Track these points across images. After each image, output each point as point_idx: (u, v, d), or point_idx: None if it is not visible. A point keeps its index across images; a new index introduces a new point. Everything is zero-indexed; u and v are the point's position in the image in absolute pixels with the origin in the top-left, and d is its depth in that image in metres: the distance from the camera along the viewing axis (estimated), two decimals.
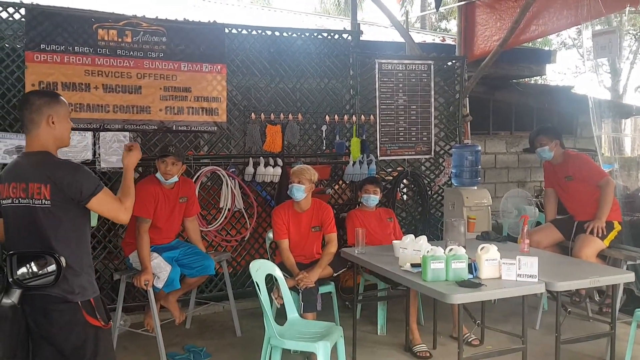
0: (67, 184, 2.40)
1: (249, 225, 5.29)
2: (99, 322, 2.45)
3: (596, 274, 3.33)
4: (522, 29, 5.84)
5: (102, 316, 2.47)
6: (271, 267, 3.68)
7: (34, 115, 2.49)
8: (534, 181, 8.90)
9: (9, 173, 2.51)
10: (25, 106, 2.52)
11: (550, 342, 3.39)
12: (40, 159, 2.46)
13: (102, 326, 2.46)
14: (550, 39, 19.62)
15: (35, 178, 2.41)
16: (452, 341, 4.42)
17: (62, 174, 2.41)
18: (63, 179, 2.40)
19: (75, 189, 2.41)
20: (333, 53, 5.75)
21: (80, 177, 2.43)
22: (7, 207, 2.48)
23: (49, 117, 2.50)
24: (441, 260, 3.15)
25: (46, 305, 2.38)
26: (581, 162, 4.74)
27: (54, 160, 2.47)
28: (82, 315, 2.40)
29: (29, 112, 2.49)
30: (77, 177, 2.42)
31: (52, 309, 2.38)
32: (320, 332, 3.47)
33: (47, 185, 2.39)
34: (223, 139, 5.33)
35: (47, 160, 2.45)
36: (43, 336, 2.42)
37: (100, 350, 2.45)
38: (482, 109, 8.26)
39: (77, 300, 2.41)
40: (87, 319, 2.41)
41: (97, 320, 2.44)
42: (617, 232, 4.54)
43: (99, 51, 4.75)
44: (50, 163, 2.44)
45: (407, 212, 6.26)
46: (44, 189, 2.39)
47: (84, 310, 2.41)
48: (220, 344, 4.48)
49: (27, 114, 2.50)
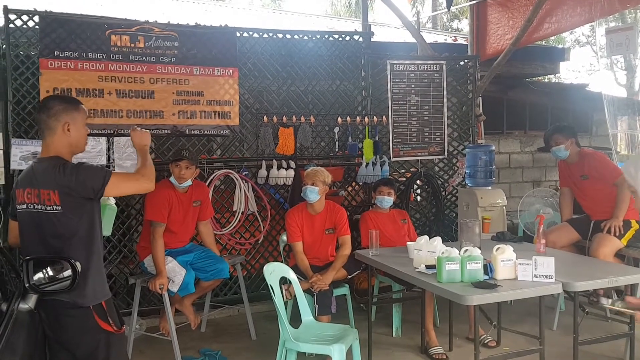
0: (74, 187, 2.42)
1: (263, 228, 5.29)
2: (111, 326, 2.45)
3: (614, 274, 3.29)
4: (535, 27, 5.78)
5: (114, 320, 2.48)
6: (285, 270, 3.68)
7: (50, 120, 2.51)
8: (549, 180, 8.81)
9: (24, 179, 2.54)
10: (44, 111, 2.54)
11: (568, 343, 3.35)
12: (50, 164, 2.47)
13: (114, 331, 2.46)
14: (563, 37, 19.48)
15: (45, 184, 2.43)
16: (468, 343, 4.38)
17: (66, 179, 2.42)
18: (68, 183, 2.41)
19: (85, 189, 2.43)
20: (344, 55, 5.74)
21: (84, 176, 2.44)
22: (22, 212, 2.51)
23: (65, 124, 2.52)
24: (456, 261, 3.13)
25: (58, 311, 2.39)
26: (597, 161, 4.69)
27: (59, 165, 2.46)
28: (94, 320, 2.41)
29: (47, 117, 2.52)
30: (80, 178, 2.43)
31: (64, 315, 2.40)
32: (335, 335, 3.46)
33: (55, 191, 2.41)
34: (236, 142, 5.34)
35: (54, 166, 2.46)
36: (58, 341, 2.43)
37: (112, 356, 2.46)
38: (495, 108, 8.19)
39: (89, 304, 2.42)
40: (99, 323, 2.42)
41: (109, 324, 2.44)
42: (634, 230, 4.48)
43: (112, 57, 4.78)
44: (56, 169, 2.45)
45: (421, 213, 6.23)
46: (52, 195, 2.41)
47: (95, 315, 2.42)
48: (235, 347, 4.49)
49: (44, 119, 2.52)
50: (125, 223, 4.99)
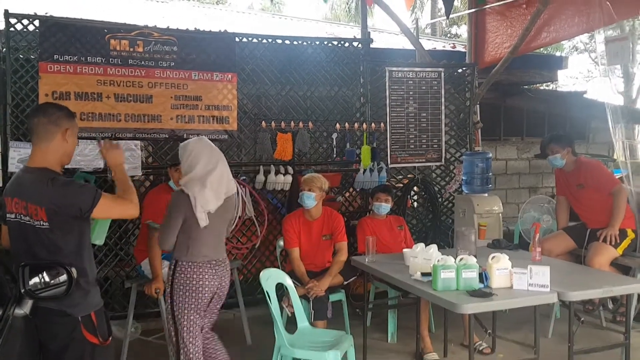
0: (62, 206, 2.37)
1: (260, 233, 5.30)
2: (97, 339, 2.42)
3: (609, 284, 3.30)
4: (533, 36, 5.82)
5: (101, 332, 2.45)
6: (281, 276, 3.69)
7: (51, 126, 2.45)
8: (545, 187, 8.85)
9: (12, 187, 2.49)
10: (45, 115, 2.47)
11: (563, 351, 3.35)
12: (38, 177, 2.41)
13: (99, 343, 2.43)
14: (561, 44, 19.52)
15: (32, 199, 2.38)
16: (463, 349, 4.39)
17: (54, 197, 2.36)
18: (56, 201, 2.36)
19: (72, 209, 2.39)
20: (343, 61, 5.76)
21: (73, 196, 2.39)
22: (11, 222, 2.47)
23: (66, 131, 2.48)
24: (452, 269, 3.14)
25: (48, 318, 2.38)
26: (593, 170, 4.71)
27: (48, 180, 2.39)
28: (79, 332, 2.39)
29: (48, 121, 2.45)
30: (69, 198, 2.38)
31: (53, 322, 2.38)
32: (330, 341, 3.47)
33: (42, 208, 2.36)
34: (234, 147, 5.35)
35: (43, 181, 2.39)
36: (48, 348, 2.43)
37: None
38: (493, 115, 8.23)
39: (77, 314, 2.39)
40: (85, 335, 2.39)
41: (95, 337, 2.42)
42: (630, 240, 4.49)
43: (111, 61, 4.80)
44: (45, 184, 2.38)
45: (418, 220, 6.25)
46: (40, 211, 2.36)
47: (82, 326, 2.39)
48: (230, 351, 4.41)
49: (44, 123, 2.45)
50: (122, 226, 4.99)
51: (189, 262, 3.06)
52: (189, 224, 3.04)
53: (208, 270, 3.09)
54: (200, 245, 3.07)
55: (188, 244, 3.06)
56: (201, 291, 3.07)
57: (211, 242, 3.14)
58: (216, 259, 3.15)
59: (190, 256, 3.06)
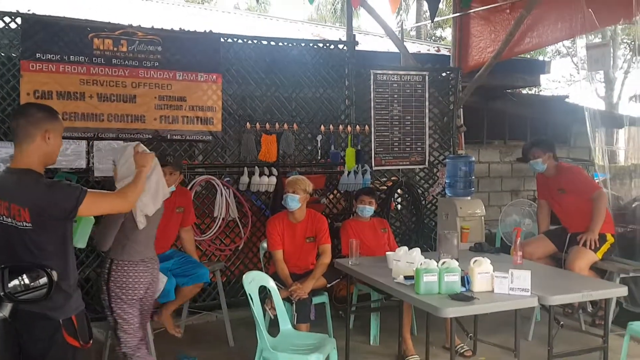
0: (45, 206, 2.34)
1: (243, 235, 5.29)
2: (78, 342, 2.40)
3: (589, 288, 3.34)
4: (516, 41, 5.88)
5: (82, 335, 2.43)
6: (265, 278, 3.69)
7: (30, 127, 2.42)
8: (527, 190, 8.94)
9: None
10: (24, 117, 2.45)
11: (543, 354, 3.39)
12: (22, 179, 2.38)
13: (80, 346, 2.41)
14: (544, 48, 19.71)
15: (16, 199, 2.35)
16: (444, 352, 4.42)
17: (38, 198, 2.34)
18: (40, 202, 2.34)
19: (57, 209, 2.36)
20: (328, 63, 5.77)
21: (56, 197, 2.37)
22: None
23: (46, 133, 2.45)
24: (434, 273, 3.16)
25: (28, 322, 2.35)
26: (574, 175, 4.77)
27: (32, 181, 2.38)
28: (61, 335, 2.36)
29: (27, 123, 2.42)
30: (52, 198, 2.36)
31: (34, 326, 2.36)
32: (313, 345, 3.47)
33: (25, 209, 2.33)
34: (218, 148, 5.33)
35: (27, 182, 2.37)
36: (28, 353, 2.40)
37: None
38: (476, 119, 8.29)
39: (59, 318, 2.36)
40: (67, 339, 2.37)
41: (76, 340, 2.39)
42: (609, 244, 4.57)
43: (94, 60, 4.75)
44: (28, 185, 2.37)
45: (402, 222, 6.27)
46: (23, 212, 2.33)
47: (64, 329, 2.37)
48: (213, 353, 4.47)
49: (23, 125, 2.43)
50: None
51: (125, 260, 3.24)
52: (128, 226, 3.21)
53: (142, 268, 3.28)
54: (135, 245, 3.26)
55: (124, 244, 3.24)
56: (136, 287, 3.26)
57: (144, 241, 3.33)
58: (148, 257, 3.34)
59: (127, 255, 3.24)
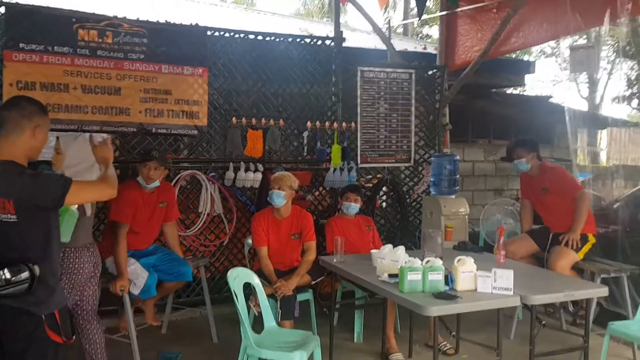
0: (31, 197, 2.31)
1: (228, 231, 5.26)
2: (61, 338, 2.38)
3: (571, 288, 3.38)
4: (503, 40, 5.91)
5: (65, 330, 2.41)
6: (249, 275, 3.67)
7: (23, 120, 2.39)
8: (510, 189, 9.01)
9: None
10: (15, 108, 2.42)
11: (525, 352, 3.42)
12: (5, 170, 2.35)
13: (63, 342, 2.39)
14: (529, 48, 19.84)
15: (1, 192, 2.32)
16: (427, 350, 4.45)
17: (23, 189, 2.31)
18: (25, 193, 2.31)
19: (43, 200, 2.34)
20: (316, 59, 5.75)
21: (41, 187, 2.34)
22: None
23: (37, 127, 2.43)
24: (418, 271, 3.17)
25: (8, 317, 2.32)
26: (557, 175, 4.81)
27: (16, 173, 2.35)
28: (43, 331, 2.34)
29: (19, 115, 2.40)
30: (38, 188, 2.33)
31: (15, 321, 2.33)
32: (297, 342, 3.47)
33: (10, 201, 2.30)
34: (203, 142, 5.30)
35: (10, 173, 2.34)
36: (8, 348, 2.37)
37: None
38: (461, 117, 8.31)
39: (41, 313, 2.34)
40: (49, 334, 2.35)
41: (59, 336, 2.37)
42: (591, 244, 4.61)
43: (78, 51, 4.69)
44: (13, 177, 2.33)
45: (386, 220, 6.29)
46: (7, 204, 2.30)
47: (46, 325, 2.34)
48: (196, 350, 4.45)
49: (15, 116, 2.40)
50: None
51: (72, 247, 3.33)
52: None
53: (86, 253, 3.42)
54: (80, 232, 3.33)
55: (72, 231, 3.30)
56: (81, 272, 3.39)
57: (87, 228, 3.48)
58: (90, 243, 3.49)
59: (73, 242, 3.28)
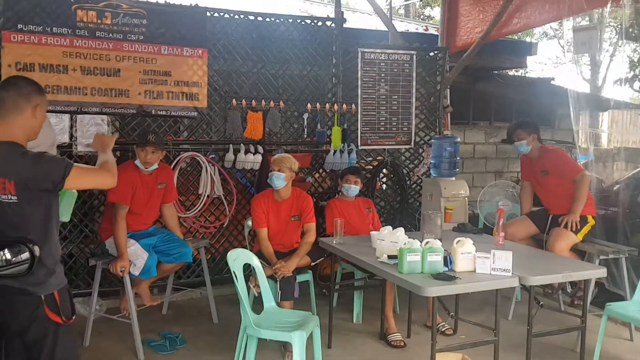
0: (32, 178, 2.31)
1: (228, 212, 5.27)
2: (60, 318, 2.39)
3: (569, 269, 3.40)
4: (505, 22, 5.86)
5: (65, 311, 2.41)
6: (249, 256, 3.68)
7: (21, 100, 2.38)
8: (511, 171, 9.00)
9: None
10: (13, 88, 2.40)
11: (522, 332, 3.45)
12: (7, 151, 2.34)
13: (62, 322, 2.40)
14: (531, 29, 19.68)
15: (0, 173, 2.31)
16: (426, 330, 4.48)
17: (25, 170, 2.31)
18: (27, 174, 2.31)
19: (44, 182, 2.34)
20: (316, 40, 5.71)
21: (44, 168, 2.34)
22: None
23: (36, 106, 2.42)
24: (417, 252, 3.19)
25: (8, 297, 2.33)
26: (557, 157, 4.81)
27: (18, 153, 2.35)
28: (43, 311, 2.35)
29: (17, 95, 2.38)
30: (39, 169, 2.33)
31: (15, 301, 2.34)
32: (296, 322, 3.49)
33: (11, 181, 2.30)
34: (203, 124, 5.29)
35: (12, 154, 2.34)
36: (9, 327, 2.38)
37: (58, 347, 2.40)
38: (462, 99, 8.30)
39: (40, 293, 2.35)
40: (48, 314, 2.35)
41: (58, 316, 2.38)
42: (590, 226, 4.62)
43: (77, 32, 4.66)
44: (15, 157, 2.33)
45: (386, 202, 6.30)
46: (8, 184, 2.30)
47: (45, 305, 2.35)
48: (196, 330, 4.49)
49: (13, 96, 2.38)
50: (87, 202, 4.91)
51: None
52: None
53: None
54: None
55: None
56: None
57: None
58: None
59: None
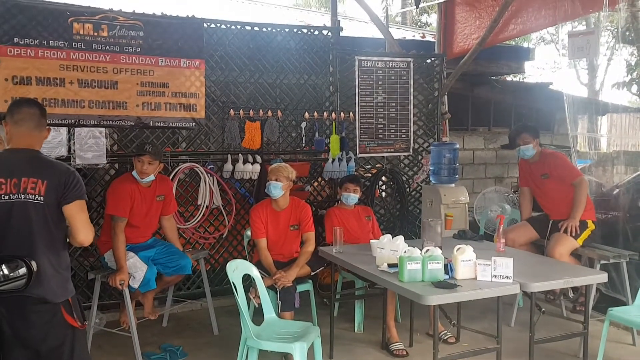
0: (62, 183, 2.46)
1: (227, 223, 5.26)
2: (76, 322, 2.48)
3: (570, 275, 3.38)
4: (501, 27, 5.87)
5: (78, 316, 2.51)
6: (248, 267, 3.66)
7: (42, 119, 2.62)
8: (511, 177, 9.00)
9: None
10: (38, 108, 2.64)
11: (525, 339, 3.43)
12: (35, 155, 2.53)
13: (79, 326, 2.50)
14: (528, 35, 19.73)
15: (29, 173, 2.44)
16: (428, 338, 4.45)
17: (60, 174, 2.47)
18: (59, 178, 2.46)
19: (66, 190, 2.47)
20: (313, 49, 5.72)
21: (74, 180, 2.51)
22: None
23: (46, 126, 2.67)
24: (417, 261, 3.17)
25: (24, 307, 2.38)
26: (557, 161, 4.79)
27: (50, 159, 2.56)
28: (61, 316, 2.44)
29: (40, 114, 2.60)
30: (71, 180, 2.49)
31: (31, 311, 2.39)
32: (297, 333, 3.47)
33: (43, 182, 2.43)
34: (201, 135, 5.28)
35: (42, 158, 2.53)
36: (18, 337, 2.39)
37: (76, 350, 2.49)
38: (461, 105, 8.30)
39: (58, 300, 2.43)
40: (67, 319, 2.45)
41: (75, 320, 2.47)
42: (590, 231, 4.60)
43: (74, 45, 4.66)
44: (48, 161, 2.54)
45: (386, 210, 6.28)
46: (40, 184, 2.43)
47: (64, 310, 2.44)
48: (197, 342, 4.46)
49: (38, 115, 2.59)
50: None
51: None
52: None
53: None
54: None
55: None
56: None
57: None
58: None
59: None
